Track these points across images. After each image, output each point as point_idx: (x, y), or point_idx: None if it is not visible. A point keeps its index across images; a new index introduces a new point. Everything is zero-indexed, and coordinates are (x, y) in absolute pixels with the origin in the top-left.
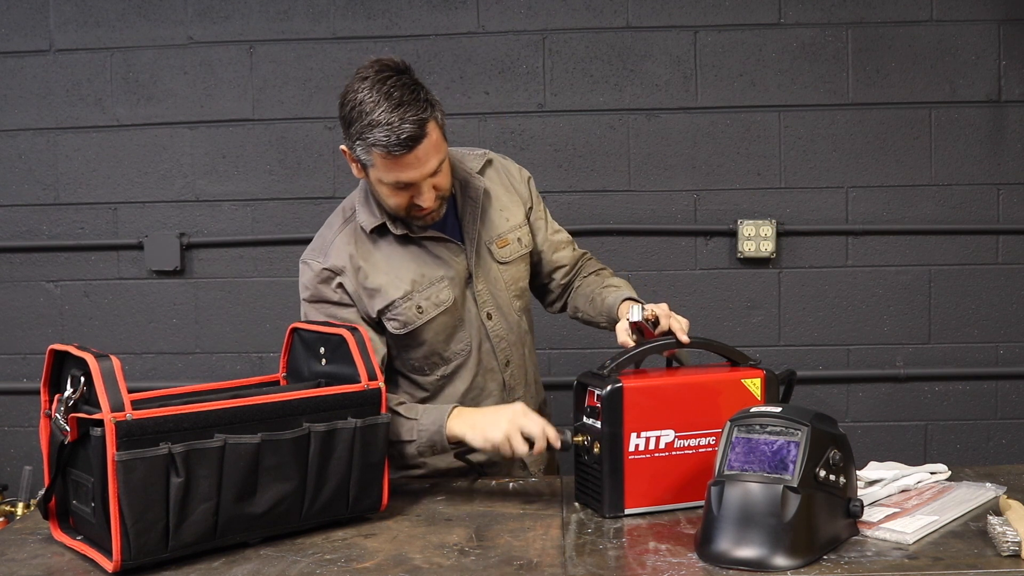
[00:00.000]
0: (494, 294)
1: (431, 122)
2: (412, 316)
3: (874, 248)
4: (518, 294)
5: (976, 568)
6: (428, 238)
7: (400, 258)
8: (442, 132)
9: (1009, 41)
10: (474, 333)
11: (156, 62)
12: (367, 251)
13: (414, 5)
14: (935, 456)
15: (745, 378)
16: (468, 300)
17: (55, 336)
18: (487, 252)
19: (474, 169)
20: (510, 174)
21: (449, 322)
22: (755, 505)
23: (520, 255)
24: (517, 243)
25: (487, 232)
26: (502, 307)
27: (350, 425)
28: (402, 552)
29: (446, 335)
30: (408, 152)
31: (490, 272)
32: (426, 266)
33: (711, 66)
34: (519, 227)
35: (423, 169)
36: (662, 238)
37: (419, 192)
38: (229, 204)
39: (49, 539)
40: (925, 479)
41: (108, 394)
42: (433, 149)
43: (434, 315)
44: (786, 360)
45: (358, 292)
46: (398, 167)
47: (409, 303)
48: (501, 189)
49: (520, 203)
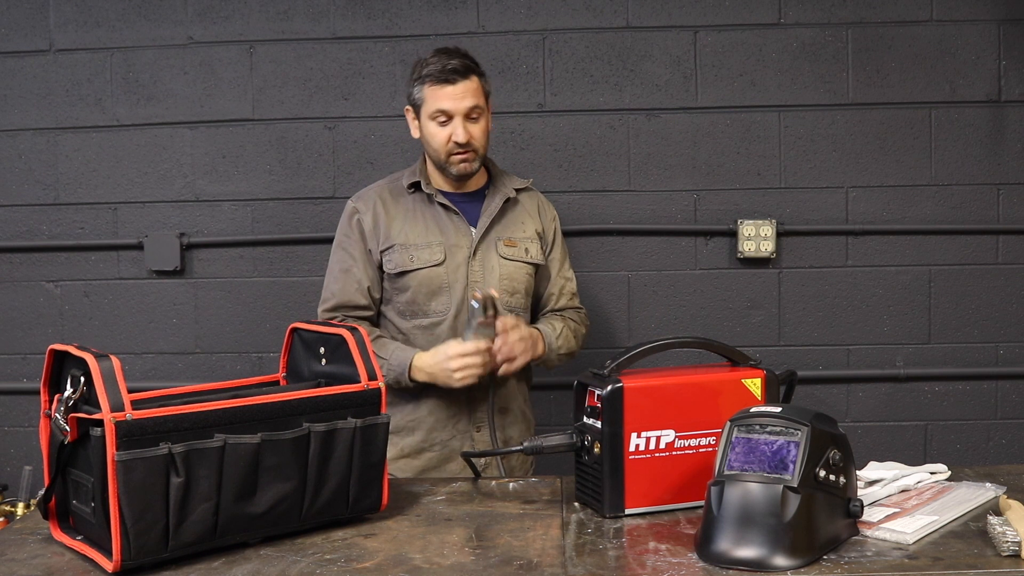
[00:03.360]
0: (486, 279)
1: (476, 76)
2: (403, 261)
3: (874, 248)
4: (510, 290)
5: (976, 568)
6: (447, 208)
7: (418, 214)
8: (486, 98)
9: (1009, 41)
10: (455, 301)
11: (156, 62)
12: (396, 201)
13: (414, 5)
14: (935, 456)
15: (745, 378)
16: (460, 273)
17: (55, 336)
18: (494, 243)
19: (512, 185)
20: (542, 208)
21: (435, 280)
22: (755, 505)
23: (523, 260)
24: (524, 251)
25: (500, 229)
26: None
27: (350, 425)
28: (402, 552)
29: (429, 291)
30: (450, 84)
31: (490, 260)
32: (433, 229)
33: (711, 66)
34: (530, 240)
35: (461, 103)
36: (662, 238)
37: (455, 127)
38: (229, 204)
39: (49, 539)
40: (925, 479)
41: (108, 394)
42: (472, 93)
43: (421, 267)
44: (786, 360)
45: (373, 229)
46: (441, 96)
47: (405, 251)
48: (525, 211)
49: (541, 231)
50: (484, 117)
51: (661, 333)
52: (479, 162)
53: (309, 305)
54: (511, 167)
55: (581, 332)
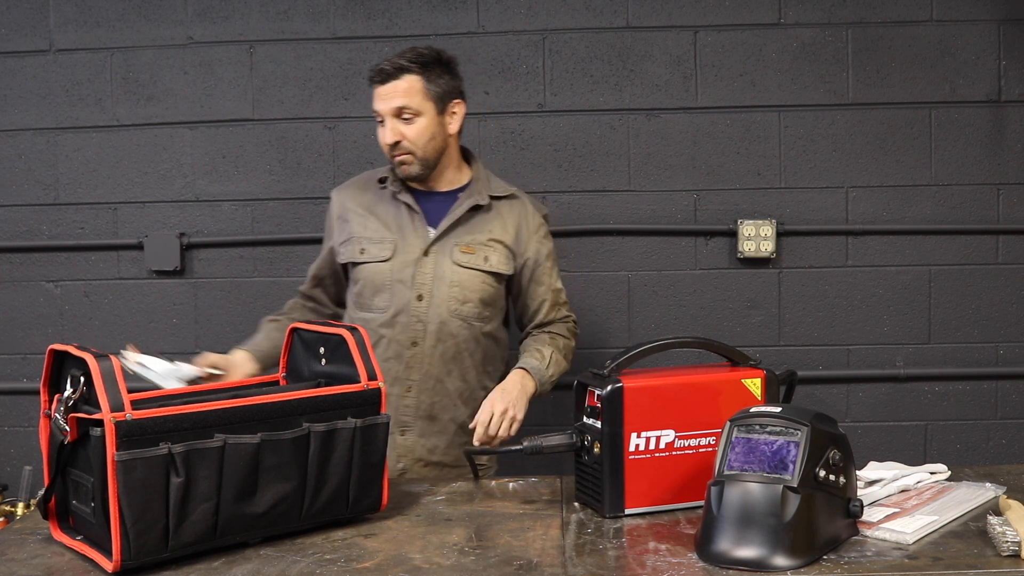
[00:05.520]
0: (435, 284)
1: (412, 75)
2: (352, 253)
3: (874, 248)
4: (461, 299)
5: (976, 568)
6: (409, 207)
7: (379, 209)
8: (431, 98)
9: (1009, 41)
10: (398, 302)
11: (156, 62)
12: (364, 193)
13: (414, 5)
14: (935, 456)
15: (745, 378)
16: (407, 273)
17: (55, 336)
18: (449, 248)
19: (490, 191)
20: (526, 219)
21: (380, 277)
22: (755, 505)
23: (480, 269)
24: (482, 259)
25: (460, 234)
26: (436, 297)
27: (350, 425)
28: (402, 552)
29: (374, 287)
30: (378, 84)
31: (442, 264)
32: (390, 225)
33: (711, 66)
34: (493, 249)
35: (387, 103)
36: (662, 238)
37: (385, 128)
38: (229, 204)
39: (49, 539)
40: (925, 479)
41: (108, 394)
42: (402, 93)
43: (367, 261)
44: (786, 360)
45: (339, 218)
46: (374, 97)
47: (357, 244)
48: (503, 220)
49: (514, 242)
50: (423, 117)
51: (661, 333)
52: (421, 164)
53: None
54: (511, 167)
55: (571, 346)
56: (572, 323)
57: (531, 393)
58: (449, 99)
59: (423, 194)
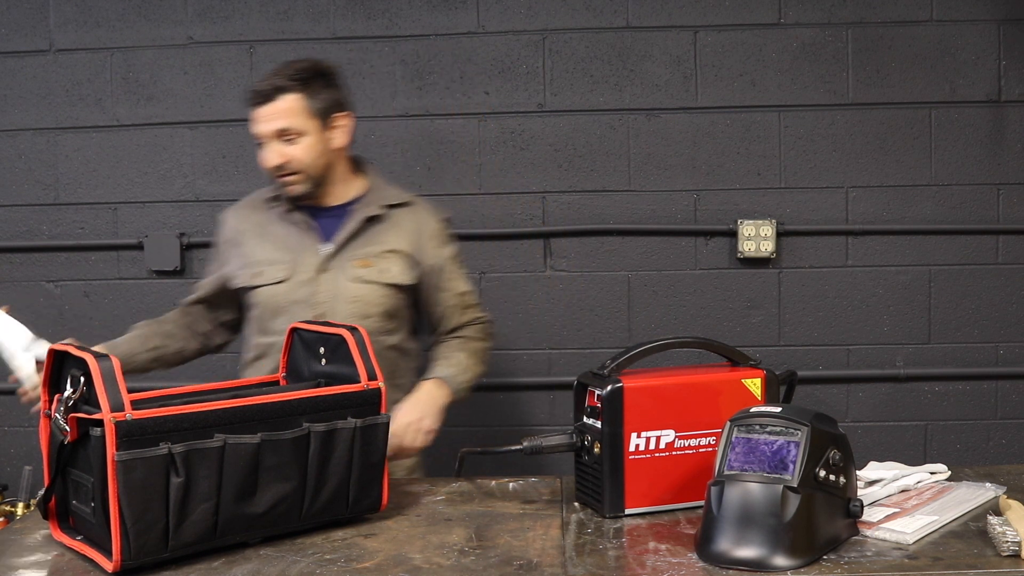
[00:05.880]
0: (334, 302)
1: (291, 95)
2: (247, 278)
3: (874, 248)
4: (361, 314)
5: (976, 568)
6: (300, 226)
7: (271, 230)
8: (314, 115)
9: (1009, 41)
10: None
11: (156, 62)
12: (254, 214)
13: (414, 5)
14: (935, 456)
15: (745, 378)
16: (304, 293)
17: (55, 336)
18: (346, 265)
19: (384, 201)
20: (424, 226)
21: (277, 300)
22: (755, 505)
23: (378, 282)
24: (379, 272)
25: (355, 248)
26: (336, 316)
27: (350, 425)
28: (402, 552)
29: (271, 311)
30: (255, 107)
31: (339, 282)
32: (281, 246)
33: (711, 66)
34: (391, 260)
35: (266, 126)
36: (662, 238)
37: (267, 152)
38: (229, 204)
39: (49, 539)
40: (925, 479)
41: (108, 394)
42: (281, 114)
43: (261, 285)
44: (786, 360)
45: (230, 242)
46: (254, 120)
47: (251, 269)
48: (400, 229)
49: (414, 250)
50: (307, 136)
51: (661, 333)
52: (309, 182)
53: None
54: (511, 167)
55: (484, 348)
56: (484, 323)
57: (444, 402)
58: (332, 113)
59: (315, 210)
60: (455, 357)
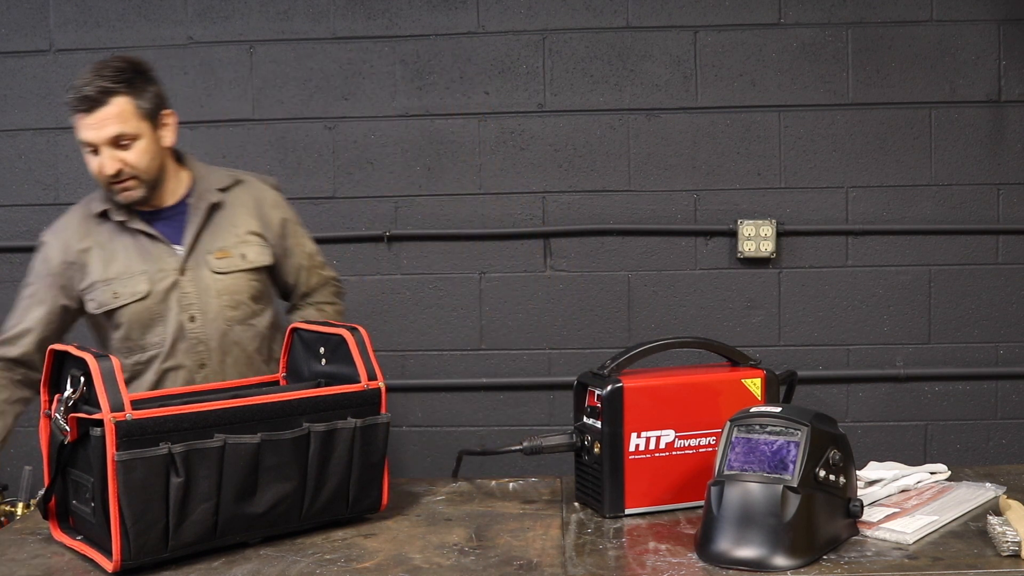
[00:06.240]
0: (203, 299)
1: (120, 97)
2: (107, 299)
3: (874, 248)
4: (232, 305)
5: (976, 568)
6: (145, 233)
7: (115, 245)
8: (144, 116)
9: (1009, 41)
10: (172, 330)
11: (156, 62)
12: (89, 232)
13: (414, 5)
14: (935, 456)
15: (745, 378)
16: (172, 299)
17: None
18: (204, 260)
19: (215, 186)
20: (260, 197)
21: (145, 313)
22: (755, 505)
23: (241, 269)
24: (240, 258)
25: (210, 242)
26: (208, 313)
27: (350, 425)
28: (402, 552)
29: (141, 325)
30: (87, 113)
31: (203, 279)
32: (133, 258)
33: (711, 66)
34: (247, 244)
35: (100, 132)
36: (662, 238)
37: (102, 158)
38: None
39: (49, 539)
40: (925, 479)
41: (108, 394)
42: (115, 119)
43: (127, 303)
44: (786, 360)
45: (64, 266)
46: (82, 126)
47: (107, 287)
48: (241, 208)
49: (259, 224)
50: (141, 139)
51: (661, 333)
52: (146, 186)
53: None
54: (511, 167)
55: (341, 310)
56: (335, 283)
57: None
58: (159, 111)
59: (151, 214)
60: None
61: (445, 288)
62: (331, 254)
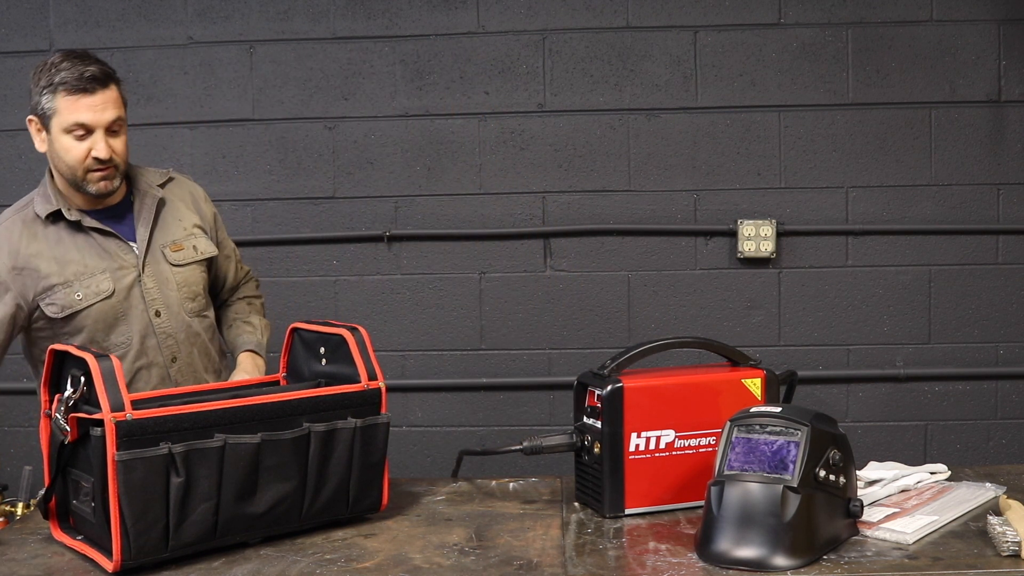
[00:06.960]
0: (164, 293)
1: (115, 84)
2: (71, 302)
3: (874, 248)
4: (191, 296)
5: (976, 568)
6: (99, 231)
7: (68, 246)
8: (124, 108)
9: (1009, 41)
10: (138, 328)
11: (156, 62)
12: (35, 236)
13: (414, 5)
14: (935, 456)
15: (745, 378)
16: (135, 296)
17: None
18: (161, 254)
19: (154, 183)
20: (193, 192)
21: (110, 313)
22: (755, 505)
23: (195, 260)
24: (192, 250)
25: (163, 236)
26: (171, 306)
27: (350, 425)
28: (402, 552)
29: (106, 325)
30: (89, 94)
31: (162, 273)
32: (91, 257)
33: (711, 66)
34: (195, 236)
35: (102, 115)
36: (662, 238)
37: (96, 142)
38: (229, 204)
39: (49, 539)
40: (925, 479)
41: (108, 394)
42: (114, 103)
43: (92, 303)
44: (786, 360)
45: (14, 272)
46: (80, 107)
47: (69, 289)
48: (180, 203)
49: (199, 218)
50: (125, 129)
51: (661, 333)
52: (120, 178)
53: (309, 305)
54: (511, 167)
55: (263, 303)
56: (253, 277)
57: (264, 370)
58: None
59: (98, 213)
60: (254, 321)
61: (445, 288)
62: (331, 254)
